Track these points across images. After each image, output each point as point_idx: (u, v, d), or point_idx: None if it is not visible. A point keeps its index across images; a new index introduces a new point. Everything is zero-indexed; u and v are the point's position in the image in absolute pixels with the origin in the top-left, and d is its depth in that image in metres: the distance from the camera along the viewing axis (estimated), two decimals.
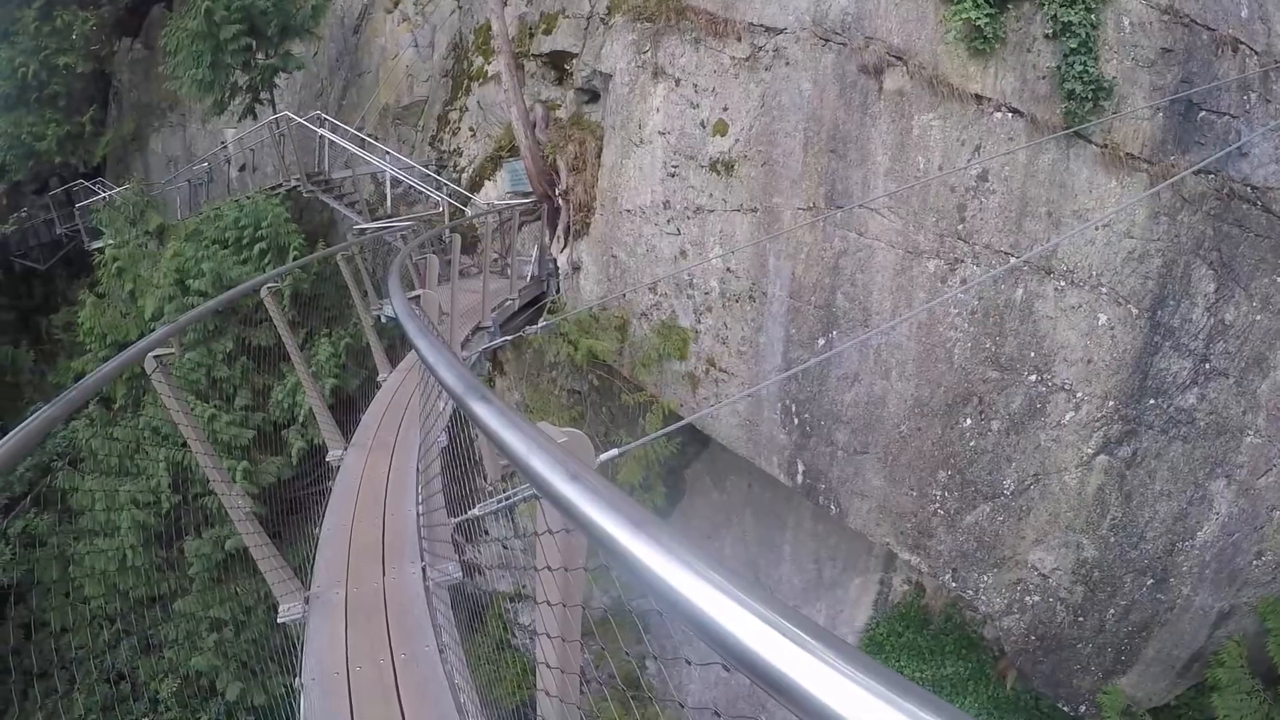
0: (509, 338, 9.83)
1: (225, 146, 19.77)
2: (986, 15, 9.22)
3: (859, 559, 14.10)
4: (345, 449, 7.58)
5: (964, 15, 9.26)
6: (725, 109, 11.69)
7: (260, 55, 17.42)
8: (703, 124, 11.70)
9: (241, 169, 19.20)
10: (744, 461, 12.68)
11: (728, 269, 11.67)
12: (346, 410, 12.77)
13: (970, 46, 9.47)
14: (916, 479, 10.93)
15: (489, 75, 16.29)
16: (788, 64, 11.20)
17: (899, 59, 10.32)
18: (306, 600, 4.72)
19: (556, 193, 13.07)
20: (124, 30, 25.02)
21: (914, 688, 0.78)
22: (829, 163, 11.09)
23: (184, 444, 14.12)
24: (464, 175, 16.40)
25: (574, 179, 12.66)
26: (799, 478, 12.09)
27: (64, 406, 2.74)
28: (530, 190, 13.72)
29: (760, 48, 11.26)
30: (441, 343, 3.29)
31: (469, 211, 15.54)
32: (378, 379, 10.09)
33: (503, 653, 14.45)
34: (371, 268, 14.02)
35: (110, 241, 18.16)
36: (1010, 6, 9.38)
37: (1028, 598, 10.52)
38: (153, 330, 15.70)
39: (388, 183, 15.44)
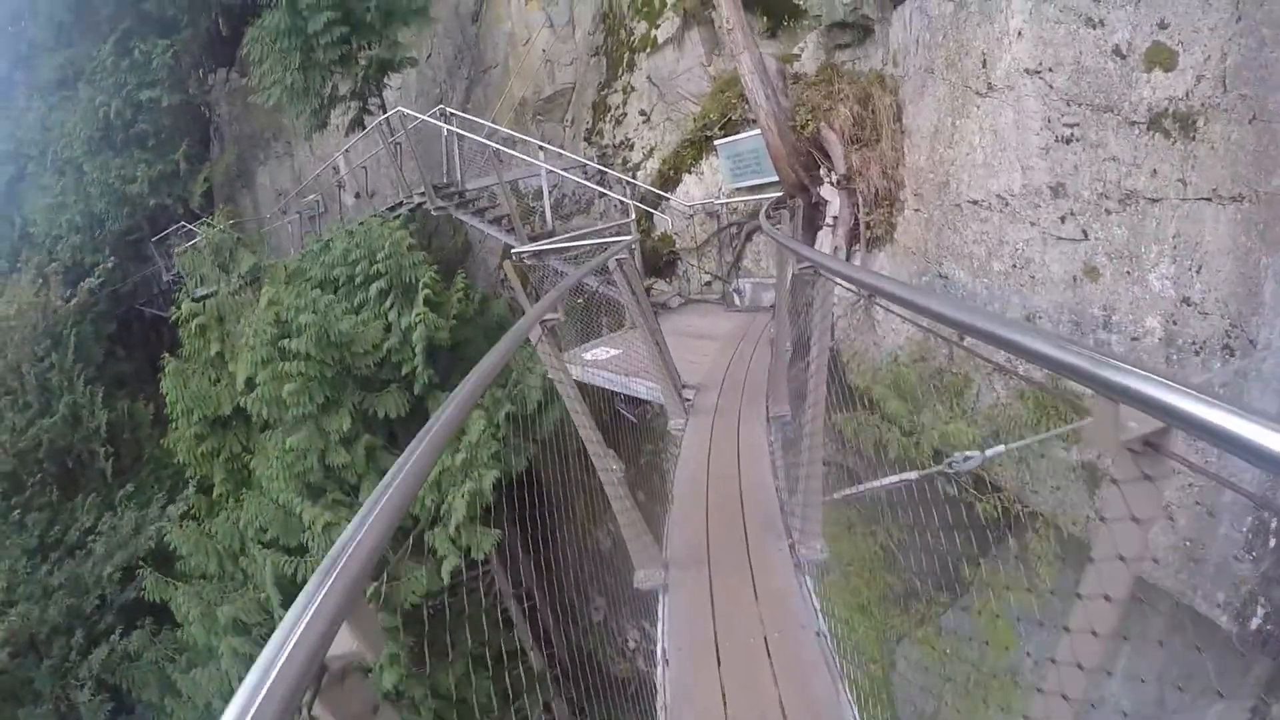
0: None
1: (337, 172, 14.07)
2: None
3: (1227, 682, 8.04)
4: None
5: None
6: (1163, 24, 5.69)
7: (362, 51, 11.79)
8: (1119, 51, 5.74)
9: (357, 196, 13.44)
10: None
11: (1184, 299, 5.62)
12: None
13: None
14: None
15: (660, 42, 10.40)
16: None
17: None
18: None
19: (827, 180, 7.12)
20: (218, 60, 19.79)
21: None
22: None
23: None
24: (639, 172, 10.53)
25: (860, 156, 6.80)
26: (1254, 622, 6.10)
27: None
28: (772, 180, 7.78)
29: None
30: None
31: (661, 218, 9.74)
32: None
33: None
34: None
35: (201, 291, 12.73)
36: None
37: None
38: (245, 402, 10.28)
39: (545, 190, 9.55)
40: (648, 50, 10.65)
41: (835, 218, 7.15)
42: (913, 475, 4.29)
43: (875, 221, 6.81)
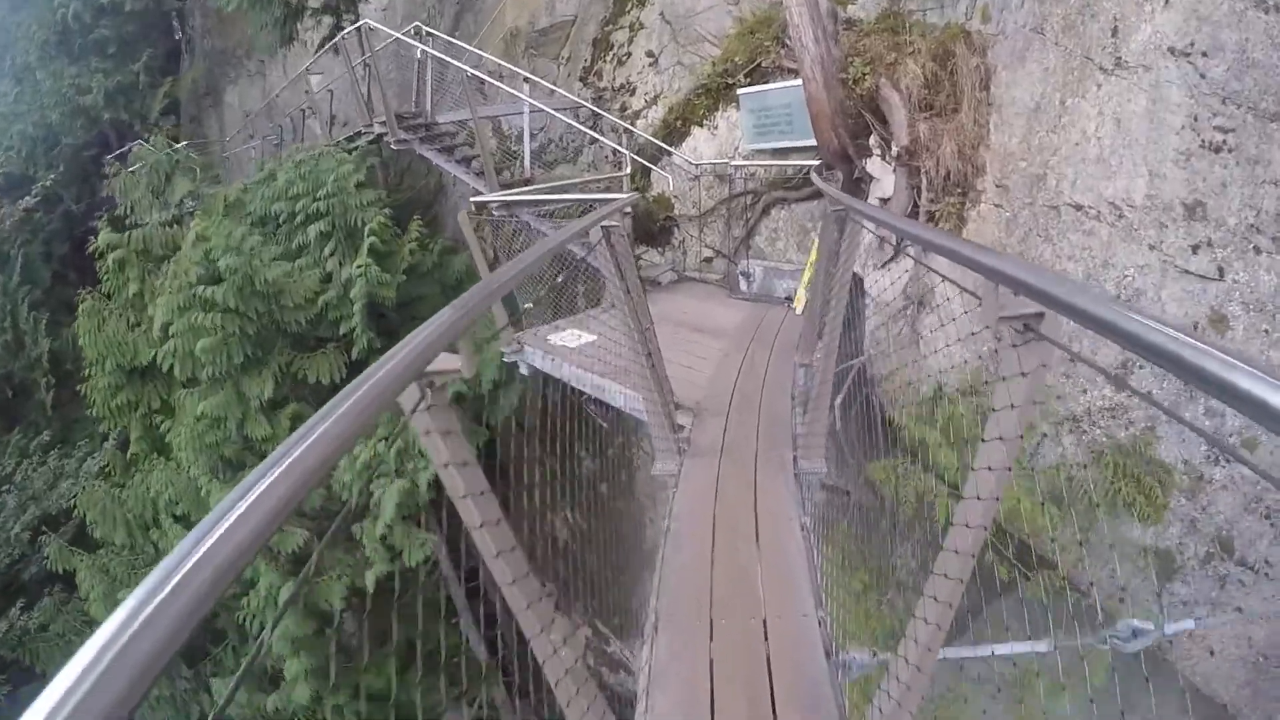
0: None
1: (308, 94, 12.03)
2: None
3: None
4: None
5: None
6: None
7: None
8: None
9: (331, 122, 11.37)
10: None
11: None
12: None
13: None
14: None
15: None
16: None
17: None
18: None
19: (877, 151, 5.42)
20: None
21: None
22: None
23: None
24: (640, 120, 8.75)
25: (929, 127, 5.08)
26: None
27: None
28: (806, 144, 6.07)
29: None
30: None
31: (661, 175, 8.01)
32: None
33: None
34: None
35: (137, 220, 10.76)
36: None
37: None
38: (159, 354, 8.42)
39: (527, 131, 7.76)
40: None
41: (885, 199, 5.44)
42: (1044, 648, 2.73)
43: (941, 212, 5.11)
